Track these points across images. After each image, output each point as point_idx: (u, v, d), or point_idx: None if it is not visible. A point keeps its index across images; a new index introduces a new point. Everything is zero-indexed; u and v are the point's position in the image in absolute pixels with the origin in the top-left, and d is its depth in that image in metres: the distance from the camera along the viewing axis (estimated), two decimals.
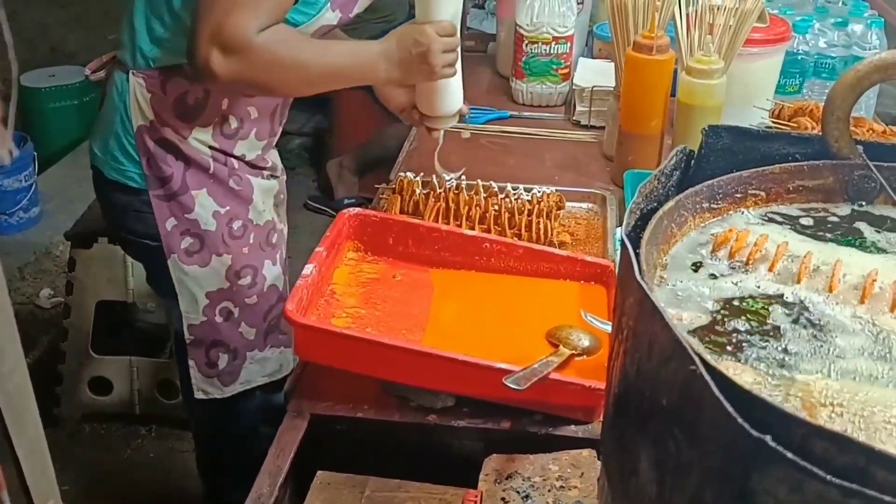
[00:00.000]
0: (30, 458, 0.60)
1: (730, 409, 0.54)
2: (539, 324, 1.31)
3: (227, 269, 1.58)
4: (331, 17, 1.49)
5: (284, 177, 1.75)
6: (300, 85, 1.49)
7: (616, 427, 0.76)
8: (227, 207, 1.57)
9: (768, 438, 0.52)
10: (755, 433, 0.52)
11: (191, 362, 1.64)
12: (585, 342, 1.26)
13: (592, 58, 2.43)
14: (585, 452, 1.14)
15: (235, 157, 1.57)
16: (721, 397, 0.55)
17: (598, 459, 1.09)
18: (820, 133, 0.91)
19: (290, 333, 1.69)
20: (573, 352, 1.24)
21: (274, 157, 1.69)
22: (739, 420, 0.53)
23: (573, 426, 1.20)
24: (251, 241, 1.60)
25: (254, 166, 1.61)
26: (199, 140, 1.52)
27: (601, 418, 1.01)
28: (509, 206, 1.63)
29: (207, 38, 1.32)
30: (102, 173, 1.59)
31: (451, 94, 1.60)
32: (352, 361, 1.22)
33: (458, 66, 1.57)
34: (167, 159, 1.51)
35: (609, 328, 0.99)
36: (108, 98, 1.57)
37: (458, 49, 1.53)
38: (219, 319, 1.61)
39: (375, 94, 1.73)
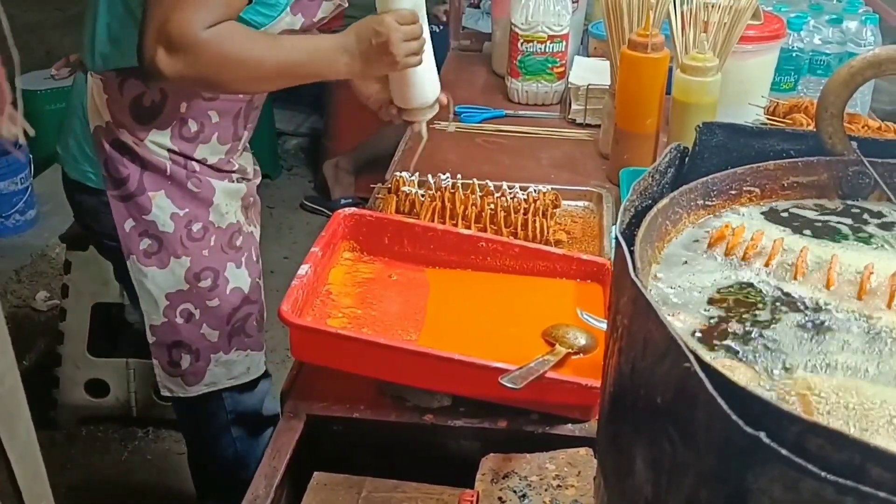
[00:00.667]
0: (21, 461, 0.60)
1: (724, 406, 0.54)
2: (535, 322, 1.31)
3: (186, 271, 1.58)
4: (291, 20, 1.48)
5: (258, 180, 1.74)
6: (253, 82, 1.46)
7: (611, 426, 0.76)
8: (186, 209, 1.56)
9: (763, 435, 0.51)
10: (750, 430, 0.52)
11: (154, 361, 1.65)
12: (582, 341, 1.26)
13: (588, 56, 2.43)
14: (582, 451, 1.13)
15: (196, 160, 1.56)
16: (716, 395, 0.54)
17: (595, 458, 1.08)
18: (814, 129, 0.91)
19: (256, 336, 1.70)
20: (569, 350, 1.24)
21: (243, 161, 1.68)
22: (734, 417, 0.53)
23: (570, 425, 1.20)
24: (212, 243, 1.59)
25: (217, 170, 1.60)
26: (157, 143, 1.51)
27: (598, 418, 1.01)
28: (505, 204, 1.62)
29: (153, 36, 1.31)
30: (66, 173, 1.60)
31: (423, 83, 1.57)
32: (348, 362, 1.22)
33: (429, 54, 1.55)
34: (123, 161, 1.51)
35: (605, 326, 0.99)
36: (70, 98, 1.58)
37: (426, 37, 1.51)
38: (179, 321, 1.60)
39: (354, 90, 1.71)
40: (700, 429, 0.57)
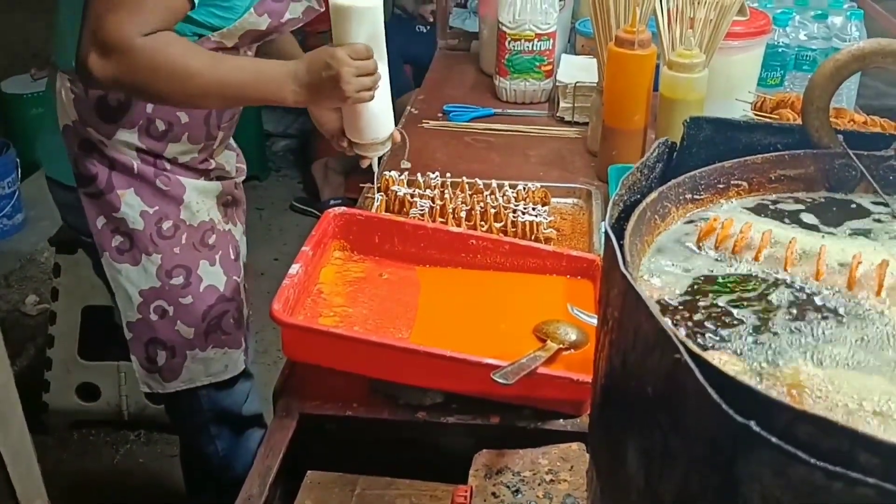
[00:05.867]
0: (15, 460, 0.60)
1: (714, 395, 0.54)
2: (526, 319, 1.31)
3: (157, 269, 1.58)
4: (257, 20, 1.47)
5: (241, 178, 1.74)
6: (188, 96, 1.41)
7: (603, 418, 0.76)
8: (156, 207, 1.56)
9: (753, 423, 0.52)
10: (740, 419, 0.53)
11: (133, 357, 1.65)
12: (573, 336, 1.26)
13: (575, 54, 2.44)
14: (574, 446, 1.14)
15: (166, 159, 1.56)
16: (706, 384, 0.55)
17: (587, 453, 1.09)
18: (801, 123, 0.92)
19: (234, 334, 1.69)
20: (561, 346, 1.24)
21: (223, 159, 1.67)
22: (724, 406, 0.53)
23: (562, 420, 1.20)
24: (183, 241, 1.59)
25: (190, 168, 1.60)
26: (124, 141, 1.51)
27: (589, 412, 1.01)
28: (495, 203, 1.63)
29: (88, 38, 1.29)
30: (44, 170, 1.62)
31: (376, 119, 1.54)
32: (340, 360, 1.22)
33: (384, 91, 1.52)
34: (92, 159, 1.52)
35: (596, 322, 0.99)
36: (45, 97, 1.59)
37: (382, 73, 1.48)
38: (154, 318, 1.61)
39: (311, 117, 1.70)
40: (691, 418, 0.58)
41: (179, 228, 1.59)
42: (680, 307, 0.76)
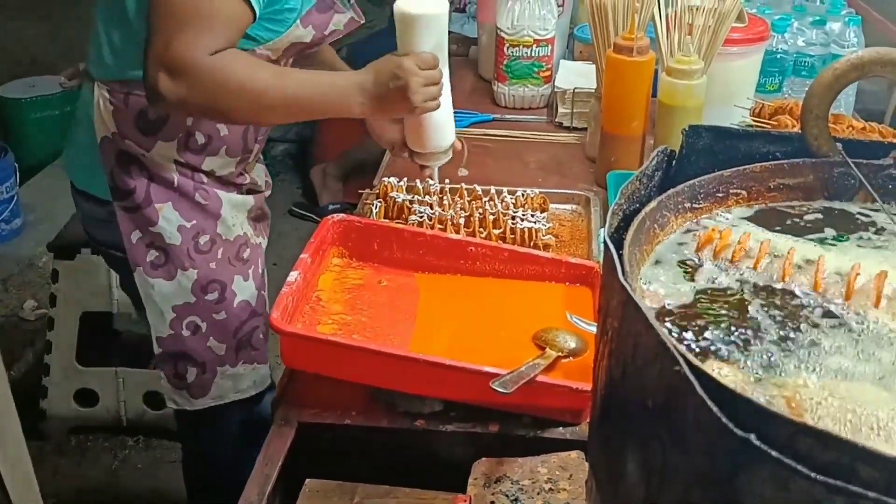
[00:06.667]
0: (12, 471, 0.60)
1: (714, 409, 0.54)
2: (525, 326, 1.31)
3: (192, 284, 1.56)
4: (302, 33, 1.46)
5: (268, 192, 1.73)
6: (256, 112, 1.40)
7: (603, 429, 0.76)
8: (194, 221, 1.54)
9: (753, 437, 0.52)
10: (740, 432, 0.53)
11: (160, 373, 1.63)
12: (572, 344, 1.26)
13: (573, 60, 2.44)
14: (574, 454, 1.14)
15: (203, 172, 1.54)
16: (706, 397, 0.55)
17: (586, 461, 1.09)
18: (800, 131, 0.92)
19: (262, 349, 1.68)
20: (560, 354, 1.24)
21: (256, 174, 1.66)
22: (724, 419, 0.53)
23: (561, 428, 1.20)
24: (219, 256, 1.58)
25: (226, 182, 1.58)
26: (163, 154, 1.50)
27: (589, 422, 1.01)
28: (493, 209, 1.63)
29: (155, 61, 1.28)
30: (73, 182, 1.60)
31: (439, 128, 1.54)
32: (338, 368, 1.22)
33: (448, 99, 1.51)
34: (130, 172, 1.49)
35: (595, 329, 0.99)
36: (77, 108, 1.56)
37: (445, 81, 1.47)
38: (186, 333, 1.59)
39: (367, 128, 1.68)
40: (691, 431, 0.57)
41: (216, 243, 1.57)
42: (677, 317, 0.76)
